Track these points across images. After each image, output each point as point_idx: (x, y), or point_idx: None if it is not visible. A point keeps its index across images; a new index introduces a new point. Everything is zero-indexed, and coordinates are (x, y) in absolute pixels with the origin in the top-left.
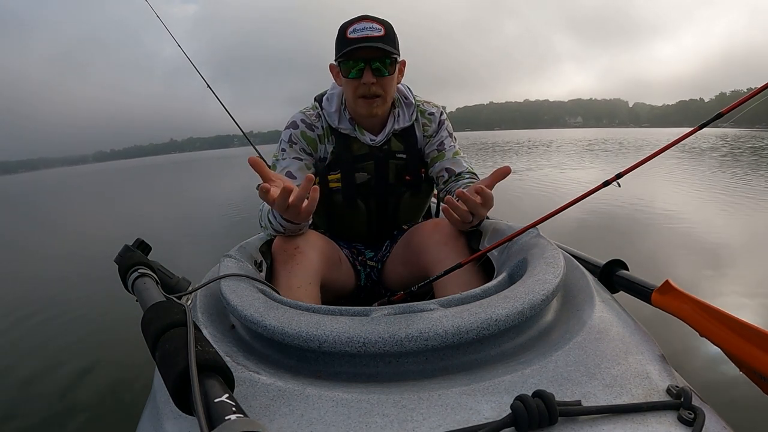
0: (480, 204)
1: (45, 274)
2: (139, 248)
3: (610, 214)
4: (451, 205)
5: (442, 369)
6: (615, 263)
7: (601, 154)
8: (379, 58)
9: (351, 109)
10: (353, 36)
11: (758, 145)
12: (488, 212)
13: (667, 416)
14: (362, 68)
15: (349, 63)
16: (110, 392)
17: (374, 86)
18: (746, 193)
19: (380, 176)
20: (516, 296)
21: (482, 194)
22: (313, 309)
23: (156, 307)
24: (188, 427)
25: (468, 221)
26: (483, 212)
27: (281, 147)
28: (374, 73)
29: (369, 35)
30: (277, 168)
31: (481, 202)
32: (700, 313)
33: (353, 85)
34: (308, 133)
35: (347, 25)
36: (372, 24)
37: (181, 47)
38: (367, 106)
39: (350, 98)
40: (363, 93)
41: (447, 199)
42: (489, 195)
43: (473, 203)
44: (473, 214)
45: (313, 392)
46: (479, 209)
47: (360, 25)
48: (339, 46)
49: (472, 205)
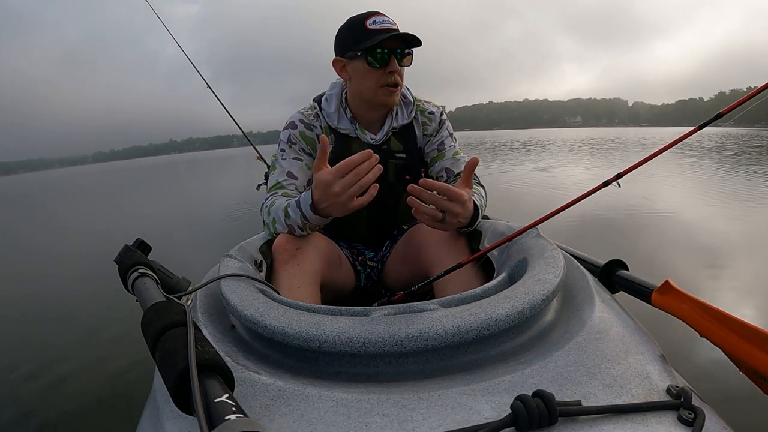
0: (446, 200)
1: (44, 274)
2: (139, 248)
3: (610, 214)
4: (416, 193)
5: (442, 369)
6: (615, 263)
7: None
8: (402, 49)
9: (368, 101)
10: (376, 27)
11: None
12: (485, 212)
13: (667, 416)
14: (388, 57)
15: (375, 52)
16: (110, 392)
17: (397, 75)
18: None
19: (380, 176)
20: (516, 296)
21: (447, 192)
22: (313, 309)
23: (156, 307)
24: (188, 427)
25: (439, 219)
26: (456, 209)
27: (280, 148)
28: (397, 62)
29: (390, 27)
30: (277, 168)
31: (446, 198)
32: (700, 313)
33: (377, 75)
34: (307, 133)
35: (363, 18)
36: (387, 18)
37: (180, 47)
38: (390, 94)
39: (371, 88)
40: (387, 82)
41: (410, 188)
42: (454, 192)
43: (435, 199)
44: (443, 212)
45: (313, 392)
46: (447, 204)
47: (378, 18)
48: (360, 37)
49: (427, 197)
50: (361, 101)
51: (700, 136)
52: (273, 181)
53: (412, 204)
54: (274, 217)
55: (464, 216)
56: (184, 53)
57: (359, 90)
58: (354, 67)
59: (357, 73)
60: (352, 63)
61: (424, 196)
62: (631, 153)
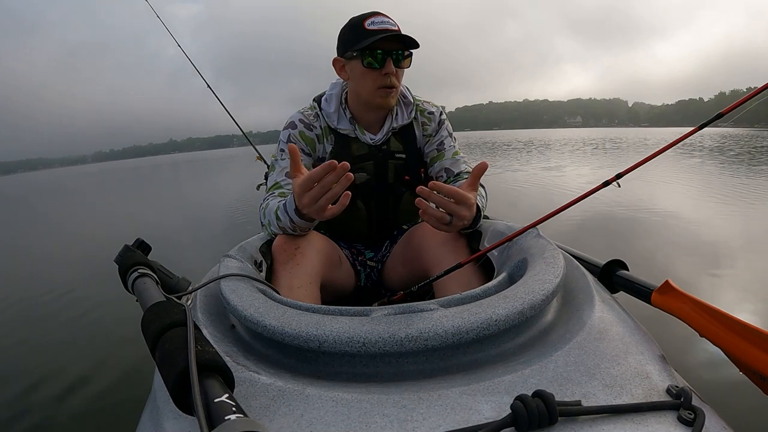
0: (454, 203)
1: (44, 273)
2: (139, 248)
3: (611, 214)
4: (425, 195)
5: (442, 369)
6: (615, 263)
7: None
8: (399, 50)
9: (365, 102)
10: (374, 28)
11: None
12: (486, 212)
13: (667, 416)
14: (384, 59)
15: (372, 53)
16: (110, 392)
17: (393, 77)
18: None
19: (380, 176)
20: (516, 296)
21: (455, 196)
22: (313, 309)
23: (156, 307)
24: (188, 427)
25: (446, 222)
26: (462, 212)
27: (280, 147)
28: (394, 64)
29: (389, 28)
30: (276, 168)
31: (454, 201)
32: (700, 314)
33: (373, 76)
34: (307, 133)
35: (362, 18)
36: (388, 18)
37: (180, 47)
38: (386, 96)
39: (369, 89)
40: (383, 83)
41: (419, 190)
42: (462, 195)
43: (444, 202)
44: (451, 215)
45: (313, 392)
46: (454, 208)
47: (377, 18)
48: (357, 38)
49: (436, 199)
50: (359, 102)
51: (701, 137)
52: (272, 182)
53: (419, 206)
54: (269, 219)
55: (469, 218)
56: (184, 53)
57: (357, 91)
58: (352, 67)
59: (354, 73)
60: (350, 63)
61: (433, 199)
62: (632, 152)
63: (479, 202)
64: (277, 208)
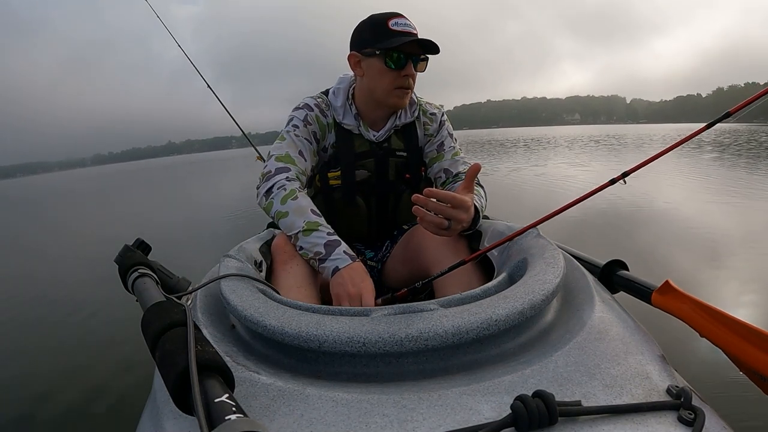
0: (451, 208)
1: (44, 274)
2: (139, 248)
3: (611, 214)
4: (422, 203)
5: (442, 369)
6: (615, 263)
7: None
8: (419, 54)
9: (378, 99)
10: (398, 29)
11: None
12: (486, 212)
13: (667, 416)
14: (406, 61)
15: (394, 54)
16: (110, 392)
17: (411, 79)
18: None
19: (380, 174)
20: (516, 296)
21: (452, 200)
22: (313, 309)
23: (156, 307)
24: (188, 427)
25: (444, 227)
26: (460, 216)
27: (293, 124)
28: (413, 67)
29: (411, 31)
30: (287, 140)
31: (451, 206)
32: (700, 314)
33: (392, 76)
34: (321, 118)
35: (386, 18)
36: (409, 21)
37: (180, 47)
38: (402, 96)
39: (386, 88)
40: (401, 84)
41: (414, 198)
42: (459, 199)
43: (441, 208)
44: (449, 219)
45: (313, 392)
46: (452, 212)
47: (401, 20)
48: (379, 37)
49: (433, 206)
50: (370, 99)
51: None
52: (283, 151)
53: (417, 213)
54: (287, 211)
55: (468, 221)
56: (184, 53)
57: (371, 88)
58: (369, 64)
59: (372, 70)
60: (368, 60)
61: (430, 206)
62: (631, 148)
63: (477, 202)
64: (312, 230)
